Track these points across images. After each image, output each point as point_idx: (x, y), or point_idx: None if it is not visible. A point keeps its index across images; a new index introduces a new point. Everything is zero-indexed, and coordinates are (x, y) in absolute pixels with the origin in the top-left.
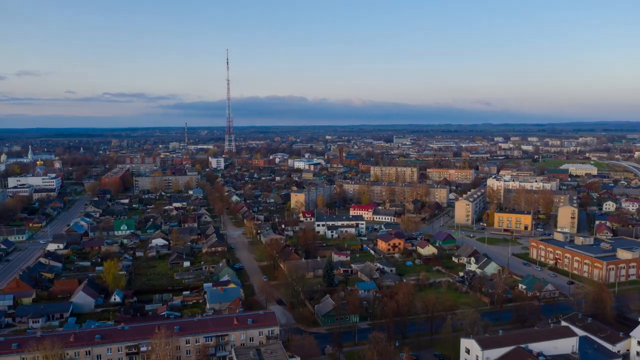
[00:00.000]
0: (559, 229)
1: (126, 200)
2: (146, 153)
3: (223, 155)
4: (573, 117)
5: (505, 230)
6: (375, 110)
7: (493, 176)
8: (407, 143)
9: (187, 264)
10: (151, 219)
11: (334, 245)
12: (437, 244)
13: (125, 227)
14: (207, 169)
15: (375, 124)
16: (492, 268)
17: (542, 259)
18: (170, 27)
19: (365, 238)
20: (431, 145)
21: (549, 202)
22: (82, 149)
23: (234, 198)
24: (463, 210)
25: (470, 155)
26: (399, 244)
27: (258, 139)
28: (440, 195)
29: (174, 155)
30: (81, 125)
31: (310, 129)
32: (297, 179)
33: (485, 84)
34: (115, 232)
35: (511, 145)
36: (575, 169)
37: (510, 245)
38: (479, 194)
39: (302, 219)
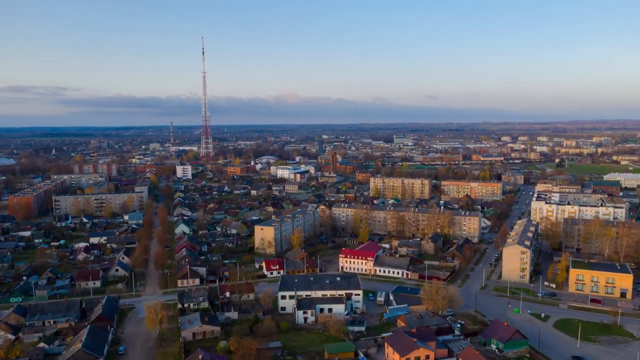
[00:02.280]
0: None
1: (28, 233)
2: (118, 156)
3: (201, 158)
4: (573, 115)
5: (592, 300)
6: (309, 108)
7: (537, 196)
8: (409, 144)
9: None
10: (24, 276)
11: (305, 352)
12: (495, 349)
13: None
14: (172, 178)
15: (374, 122)
16: None
17: None
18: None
19: (363, 328)
20: (435, 146)
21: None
22: (54, 151)
23: (180, 228)
24: (516, 261)
25: (483, 159)
26: (428, 357)
27: (251, 138)
28: (470, 226)
29: (149, 159)
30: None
31: (306, 127)
32: (277, 192)
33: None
34: None
35: (523, 146)
36: (624, 179)
37: (628, 345)
38: (532, 229)
39: (265, 272)
